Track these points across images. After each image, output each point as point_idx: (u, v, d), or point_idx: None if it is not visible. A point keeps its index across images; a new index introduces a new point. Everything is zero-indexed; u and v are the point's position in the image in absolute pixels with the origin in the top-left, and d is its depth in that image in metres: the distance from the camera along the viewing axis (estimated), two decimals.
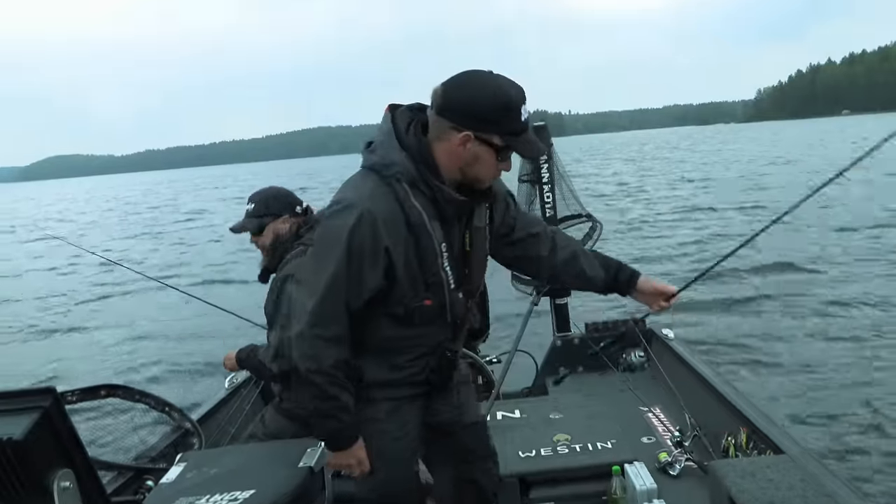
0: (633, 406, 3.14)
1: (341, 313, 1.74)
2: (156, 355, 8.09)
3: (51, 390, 1.12)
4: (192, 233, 22.60)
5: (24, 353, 9.07)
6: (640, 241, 12.89)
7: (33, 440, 1.07)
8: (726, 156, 38.75)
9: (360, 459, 1.94)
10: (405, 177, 1.70)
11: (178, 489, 2.04)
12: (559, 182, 3.86)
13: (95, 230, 26.93)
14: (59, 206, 52.86)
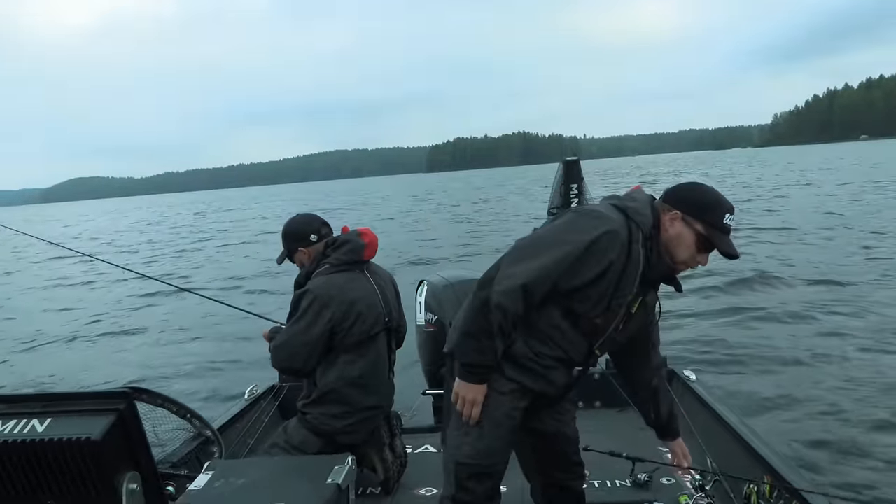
0: (652, 445, 3.12)
1: (548, 283, 1.99)
2: (177, 362, 8.11)
3: (126, 394, 1.15)
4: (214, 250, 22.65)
5: (50, 359, 9.10)
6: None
7: (108, 441, 1.10)
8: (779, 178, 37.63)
9: (476, 401, 2.11)
10: (644, 228, 2.02)
11: (207, 498, 2.06)
12: None
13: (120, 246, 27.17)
14: (88, 225, 53.27)
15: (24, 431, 1.10)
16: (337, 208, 37.83)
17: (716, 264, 10.83)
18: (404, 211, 35.64)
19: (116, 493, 1.13)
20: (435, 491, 2.86)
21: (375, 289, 2.97)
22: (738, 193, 26.90)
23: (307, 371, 2.90)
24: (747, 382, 6.02)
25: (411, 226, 26.22)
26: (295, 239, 3.02)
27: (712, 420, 3.22)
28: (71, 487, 1.13)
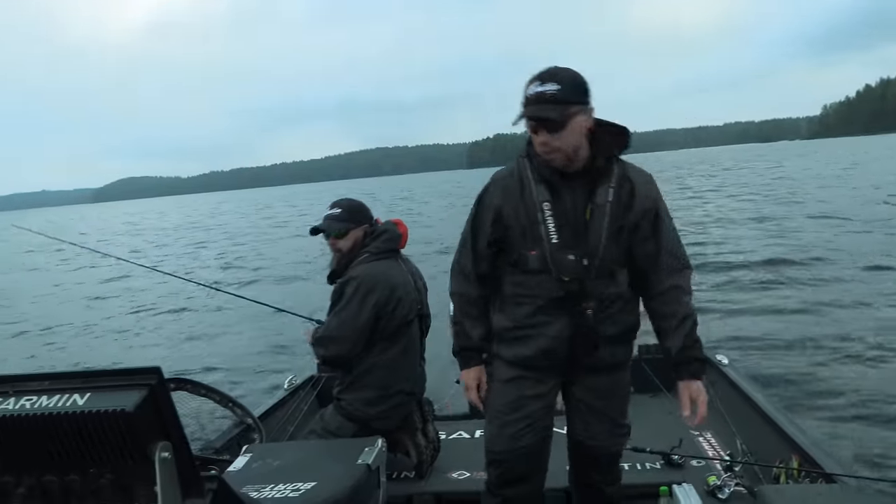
0: (684, 429, 3.14)
1: (470, 253, 2.25)
2: (220, 355, 8.39)
3: (156, 370, 1.25)
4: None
5: (101, 349, 9.50)
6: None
7: (141, 413, 1.20)
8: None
9: (469, 386, 2.35)
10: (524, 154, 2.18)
11: (244, 478, 2.18)
12: None
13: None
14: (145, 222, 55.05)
15: (66, 405, 1.21)
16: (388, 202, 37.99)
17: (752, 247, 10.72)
18: (441, 206, 35.86)
19: (150, 461, 1.23)
20: (468, 474, 2.94)
21: (409, 276, 3.05)
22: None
23: (352, 357, 2.97)
24: (782, 367, 5.95)
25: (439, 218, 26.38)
26: (365, 216, 3.11)
27: (743, 403, 3.22)
28: (110, 456, 1.23)
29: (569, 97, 2.01)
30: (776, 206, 21.32)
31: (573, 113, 2.02)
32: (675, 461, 2.84)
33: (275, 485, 2.08)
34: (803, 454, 2.60)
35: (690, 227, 17.82)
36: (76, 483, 1.25)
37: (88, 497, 1.28)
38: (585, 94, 2.07)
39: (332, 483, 2.07)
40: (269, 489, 2.05)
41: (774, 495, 2.08)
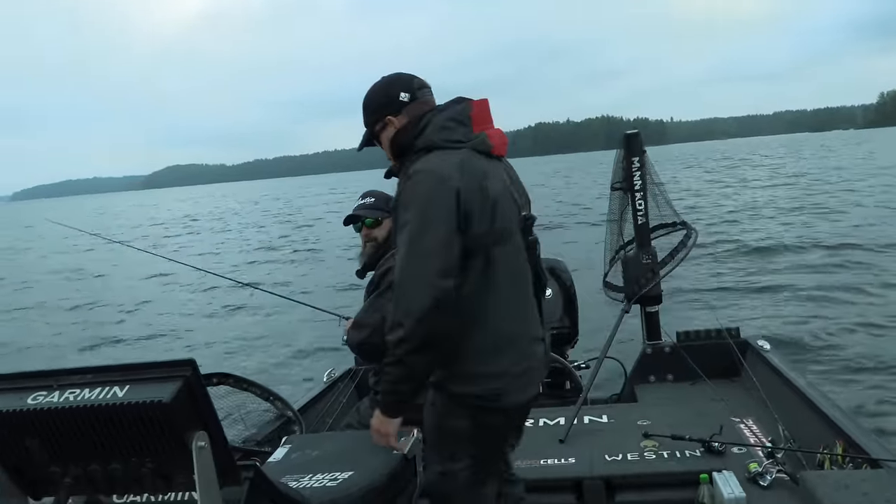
0: (725, 416, 3.09)
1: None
2: (261, 349, 8.57)
3: (191, 362, 1.30)
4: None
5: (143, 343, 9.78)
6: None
7: (177, 404, 1.25)
8: None
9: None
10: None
11: (284, 468, 2.24)
12: (652, 190, 3.85)
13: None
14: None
15: (108, 397, 1.26)
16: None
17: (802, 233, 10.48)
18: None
19: (187, 450, 1.27)
20: None
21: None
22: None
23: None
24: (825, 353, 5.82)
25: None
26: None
27: (785, 389, 3.16)
28: (150, 445, 1.29)
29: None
30: (835, 195, 20.78)
31: (377, 132, 2.01)
32: (716, 448, 2.80)
33: (313, 474, 2.12)
34: (848, 439, 2.54)
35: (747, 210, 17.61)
36: (119, 471, 1.31)
37: (131, 484, 1.34)
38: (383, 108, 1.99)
39: (368, 472, 2.11)
40: (308, 478, 2.10)
41: (818, 481, 2.04)
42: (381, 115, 2.00)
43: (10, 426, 1.30)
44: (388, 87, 2.02)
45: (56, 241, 30.18)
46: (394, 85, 2.01)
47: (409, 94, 1.98)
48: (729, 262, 11.39)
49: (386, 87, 2.02)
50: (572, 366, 3.95)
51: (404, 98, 1.97)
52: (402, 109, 1.98)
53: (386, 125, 2.01)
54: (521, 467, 2.88)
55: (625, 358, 4.07)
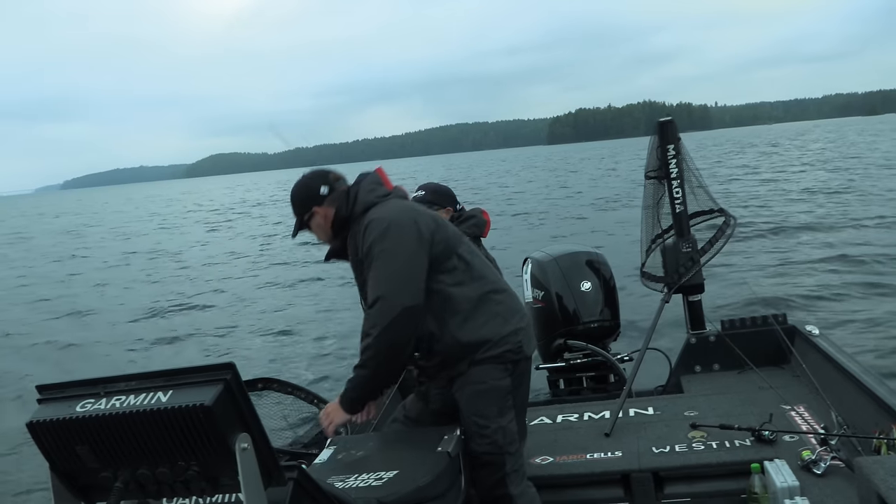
0: (774, 404, 3.02)
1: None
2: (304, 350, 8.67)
3: (231, 365, 1.32)
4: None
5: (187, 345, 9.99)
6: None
7: (219, 406, 1.27)
8: None
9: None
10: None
11: (330, 468, 2.26)
12: (689, 177, 3.78)
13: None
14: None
15: (152, 402, 1.29)
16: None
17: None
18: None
19: (231, 452, 1.29)
20: (551, 459, 2.92)
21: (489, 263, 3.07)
22: None
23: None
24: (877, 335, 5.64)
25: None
26: (448, 199, 3.03)
27: (836, 373, 3.07)
28: (195, 448, 1.31)
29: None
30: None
31: (306, 221, 2.42)
32: (766, 437, 2.74)
33: (358, 474, 2.14)
34: None
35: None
36: (166, 475, 1.33)
37: (179, 488, 1.36)
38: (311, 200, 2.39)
39: (413, 471, 2.11)
40: (353, 479, 2.11)
41: (874, 466, 1.97)
42: (307, 206, 2.41)
43: (61, 433, 1.34)
44: (310, 182, 2.44)
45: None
46: (315, 180, 2.43)
47: (328, 187, 2.40)
48: (771, 248, 11.15)
49: (309, 183, 2.44)
50: (615, 358, 3.91)
51: (324, 191, 2.39)
52: (323, 201, 2.39)
53: (313, 214, 2.41)
54: (567, 462, 2.86)
55: (668, 349, 4.01)
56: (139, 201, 72.39)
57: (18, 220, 52.07)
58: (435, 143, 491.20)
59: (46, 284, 16.88)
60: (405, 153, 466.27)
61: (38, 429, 1.36)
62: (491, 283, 2.40)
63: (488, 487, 2.37)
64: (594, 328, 3.95)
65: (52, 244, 28.88)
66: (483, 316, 2.33)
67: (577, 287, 3.94)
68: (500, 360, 2.33)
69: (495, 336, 2.33)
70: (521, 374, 2.42)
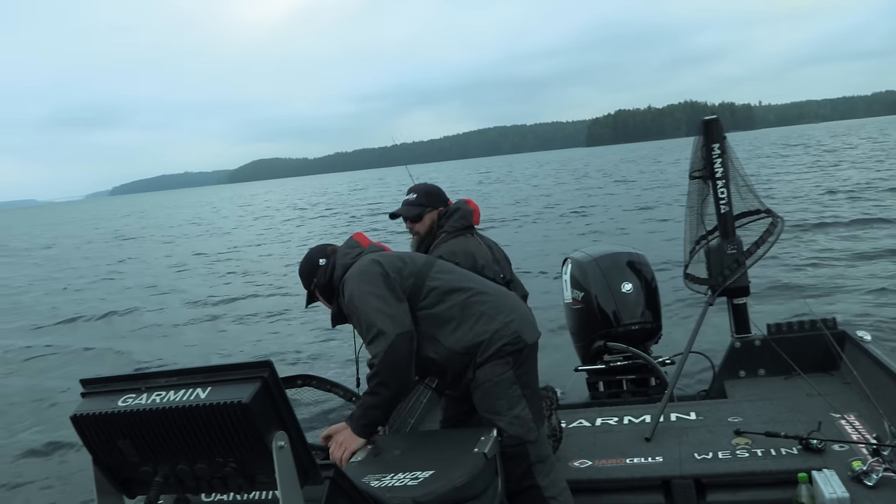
0: (823, 412, 2.92)
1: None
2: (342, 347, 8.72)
3: (268, 363, 1.32)
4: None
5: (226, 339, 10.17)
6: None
7: (257, 404, 1.27)
8: None
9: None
10: None
11: (366, 467, 2.26)
12: (735, 177, 3.68)
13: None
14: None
15: (191, 398, 1.31)
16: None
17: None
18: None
19: (267, 450, 1.30)
20: (589, 463, 2.88)
21: (486, 249, 3.12)
22: None
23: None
24: None
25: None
26: (438, 199, 3.17)
27: (890, 381, 2.95)
28: (232, 445, 1.32)
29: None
30: None
31: (312, 291, 2.67)
32: (814, 446, 2.65)
33: (395, 473, 2.13)
34: None
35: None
36: (205, 471, 1.35)
37: (217, 483, 1.37)
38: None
39: (449, 471, 2.10)
40: (390, 478, 2.11)
41: None
42: (310, 279, 2.66)
43: (104, 427, 1.36)
44: (311, 256, 2.68)
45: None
46: (314, 255, 2.67)
47: (325, 259, 2.63)
48: (819, 250, 10.83)
49: (310, 258, 2.68)
50: (656, 362, 3.83)
51: (322, 262, 2.62)
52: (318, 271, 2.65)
53: (314, 286, 2.67)
54: (606, 466, 2.82)
55: (712, 353, 3.92)
56: (210, 204, 75.01)
57: (110, 223, 54.20)
58: (473, 147, 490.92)
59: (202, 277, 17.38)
60: (444, 157, 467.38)
61: (82, 422, 1.38)
62: (472, 289, 2.53)
63: (516, 479, 2.39)
64: (635, 330, 3.88)
65: (162, 240, 30.15)
66: (470, 319, 2.46)
67: (617, 288, 3.88)
68: (499, 355, 2.42)
69: (486, 334, 2.43)
70: (525, 362, 2.48)
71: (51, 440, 6.15)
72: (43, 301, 15.73)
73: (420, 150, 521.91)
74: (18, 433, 6.63)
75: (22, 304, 15.69)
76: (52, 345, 10.80)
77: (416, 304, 2.45)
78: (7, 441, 6.44)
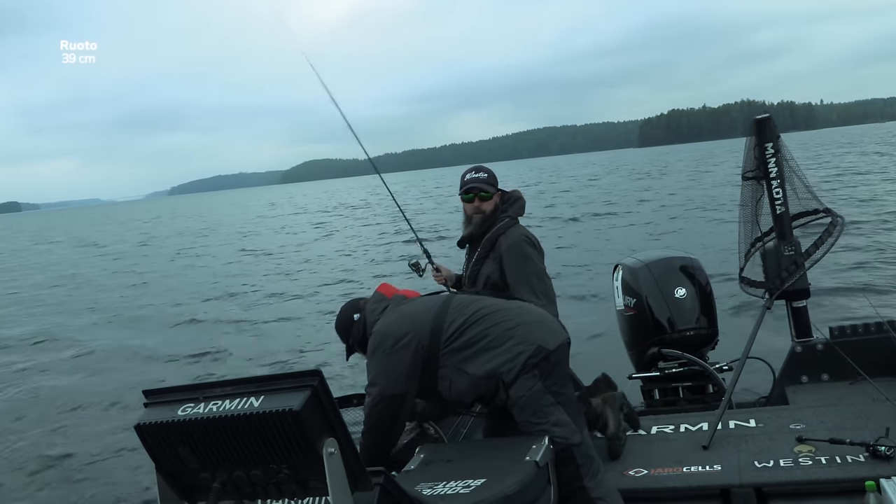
0: (891, 418, 2.81)
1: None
2: None
3: (317, 372, 1.36)
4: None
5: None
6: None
7: (307, 411, 1.31)
8: None
9: None
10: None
11: (419, 476, 2.28)
12: (790, 177, 3.59)
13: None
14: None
15: (245, 407, 1.36)
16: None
17: None
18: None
19: (318, 456, 1.33)
20: (645, 472, 2.84)
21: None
22: None
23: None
24: None
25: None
26: (497, 184, 3.24)
27: None
28: (285, 452, 1.36)
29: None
30: None
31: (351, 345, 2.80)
32: (882, 452, 2.55)
33: (447, 482, 2.15)
34: None
35: None
36: (259, 477, 1.39)
37: (271, 490, 1.42)
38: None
39: (501, 480, 2.11)
40: (442, 486, 2.12)
41: None
42: (348, 334, 2.77)
43: (164, 436, 1.42)
44: (345, 313, 2.82)
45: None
46: (348, 311, 2.80)
47: (359, 313, 2.76)
48: (879, 250, 10.39)
49: (344, 314, 2.82)
50: (713, 368, 3.75)
51: (356, 317, 2.75)
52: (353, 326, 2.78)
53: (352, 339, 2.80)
54: (663, 475, 2.77)
55: (772, 358, 3.80)
56: (269, 203, 77.54)
57: (186, 221, 56.55)
58: (523, 148, 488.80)
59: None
60: (492, 158, 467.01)
61: (145, 431, 1.45)
62: (487, 315, 2.59)
63: (565, 482, 2.41)
64: (690, 336, 3.81)
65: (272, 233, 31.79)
66: (490, 344, 2.52)
67: (670, 293, 3.82)
68: (525, 370, 2.46)
69: (508, 353, 2.48)
70: (554, 370, 2.51)
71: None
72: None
73: (468, 151, 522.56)
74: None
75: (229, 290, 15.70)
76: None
77: (440, 345, 2.55)
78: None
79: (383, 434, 2.59)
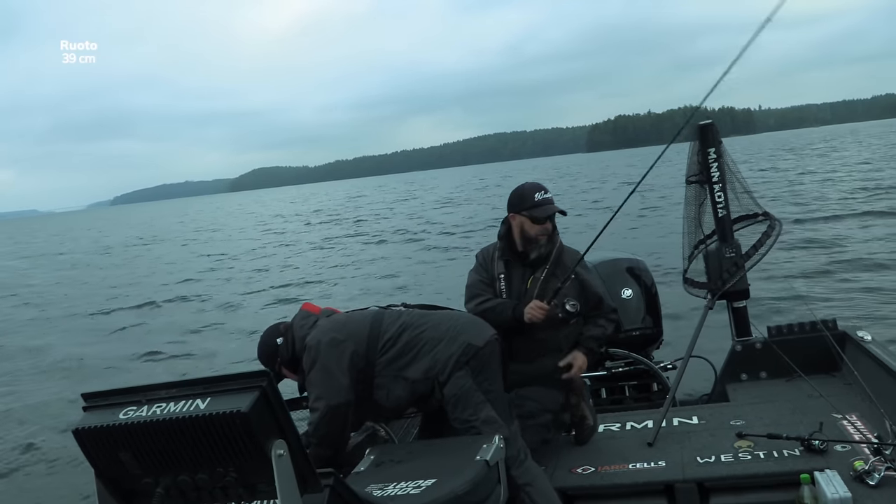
0: (825, 413, 2.92)
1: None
2: None
3: (266, 373, 1.34)
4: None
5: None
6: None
7: (255, 413, 1.29)
8: None
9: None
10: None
11: (369, 477, 2.27)
12: (731, 181, 3.70)
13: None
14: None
15: (191, 409, 1.32)
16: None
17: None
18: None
19: (267, 458, 1.31)
20: (592, 469, 2.88)
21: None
22: None
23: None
24: None
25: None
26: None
27: (891, 381, 2.95)
28: (232, 455, 1.33)
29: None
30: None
31: (277, 371, 2.79)
32: (816, 447, 2.65)
33: (397, 483, 2.14)
34: None
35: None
36: (206, 481, 1.36)
37: (218, 494, 1.38)
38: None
39: (451, 479, 2.11)
40: (392, 487, 2.11)
41: None
42: (274, 358, 2.75)
43: (105, 440, 1.38)
44: (266, 341, 2.79)
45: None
46: (269, 337, 2.78)
47: (282, 336, 2.75)
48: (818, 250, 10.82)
49: (265, 342, 2.79)
50: (658, 367, 3.83)
51: (280, 341, 2.74)
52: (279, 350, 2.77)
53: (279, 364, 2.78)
54: (609, 472, 2.82)
55: (713, 357, 3.91)
56: (227, 211, 76.35)
57: (137, 230, 54.85)
58: (473, 154, 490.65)
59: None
60: (443, 164, 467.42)
61: (84, 435, 1.40)
62: (415, 323, 2.70)
63: None
64: (636, 336, 3.89)
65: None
66: (423, 349, 2.63)
67: (617, 294, 3.89)
68: (457, 367, 2.59)
69: (439, 354, 2.61)
70: (485, 366, 2.63)
71: None
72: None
73: (419, 157, 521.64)
74: None
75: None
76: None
77: (377, 353, 2.64)
78: None
79: (332, 446, 2.61)
